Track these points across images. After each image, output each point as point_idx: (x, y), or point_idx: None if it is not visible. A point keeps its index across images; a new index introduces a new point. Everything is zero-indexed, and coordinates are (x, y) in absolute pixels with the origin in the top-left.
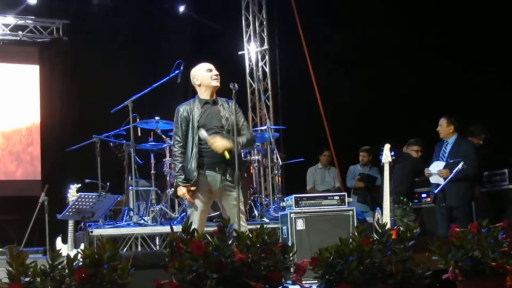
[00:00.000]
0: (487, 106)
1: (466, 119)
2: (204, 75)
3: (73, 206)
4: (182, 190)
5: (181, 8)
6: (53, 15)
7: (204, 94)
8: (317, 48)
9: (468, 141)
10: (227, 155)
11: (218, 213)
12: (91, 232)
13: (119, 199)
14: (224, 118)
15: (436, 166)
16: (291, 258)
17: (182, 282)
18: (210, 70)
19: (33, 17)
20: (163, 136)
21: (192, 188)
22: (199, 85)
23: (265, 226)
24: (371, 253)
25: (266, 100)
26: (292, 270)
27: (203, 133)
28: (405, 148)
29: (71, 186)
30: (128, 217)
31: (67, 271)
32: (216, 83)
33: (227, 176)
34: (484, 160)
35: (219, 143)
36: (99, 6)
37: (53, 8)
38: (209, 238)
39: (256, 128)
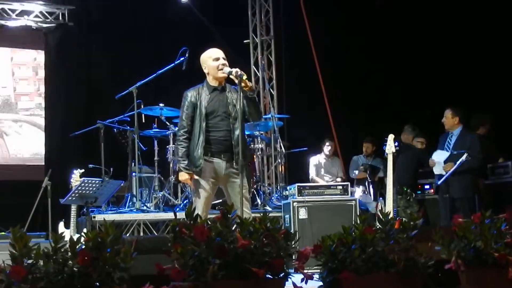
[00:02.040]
0: (491, 96)
1: (470, 109)
2: (211, 64)
3: (76, 191)
4: (184, 176)
5: None
6: (58, 0)
7: (212, 81)
8: (323, 37)
9: (473, 133)
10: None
11: (221, 200)
12: (94, 217)
13: (122, 185)
14: (231, 105)
15: (439, 155)
16: (293, 246)
17: (184, 267)
18: (217, 59)
19: (39, 2)
20: (167, 123)
21: (195, 177)
22: (208, 73)
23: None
24: (374, 242)
25: (271, 89)
26: (294, 257)
27: (226, 69)
28: (403, 136)
29: (75, 171)
30: (131, 203)
31: (69, 254)
32: (222, 74)
33: (232, 163)
34: (490, 149)
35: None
36: None
37: None
38: (210, 224)
39: None
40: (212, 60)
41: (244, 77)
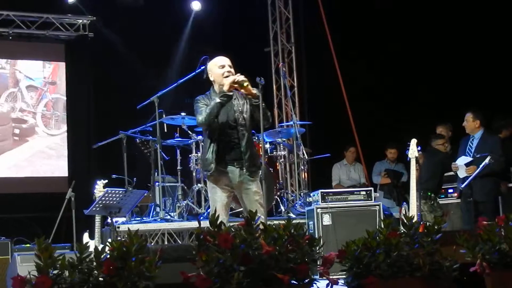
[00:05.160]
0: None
1: (490, 111)
2: (216, 72)
3: (100, 202)
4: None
5: (194, 6)
6: (79, 12)
7: (219, 89)
8: (343, 42)
9: (495, 136)
10: (245, 84)
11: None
12: (118, 227)
13: (145, 195)
14: (238, 111)
15: (463, 161)
16: (318, 251)
17: (209, 274)
18: (223, 67)
19: (59, 14)
20: (189, 132)
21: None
22: (214, 81)
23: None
24: (399, 246)
25: (292, 96)
26: (319, 263)
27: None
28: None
29: (98, 181)
30: (154, 213)
31: (95, 263)
32: (227, 82)
33: (245, 170)
34: None
35: (226, 80)
36: (125, 2)
37: (79, 5)
38: (234, 231)
39: (282, 124)
40: (218, 67)
41: (245, 83)
